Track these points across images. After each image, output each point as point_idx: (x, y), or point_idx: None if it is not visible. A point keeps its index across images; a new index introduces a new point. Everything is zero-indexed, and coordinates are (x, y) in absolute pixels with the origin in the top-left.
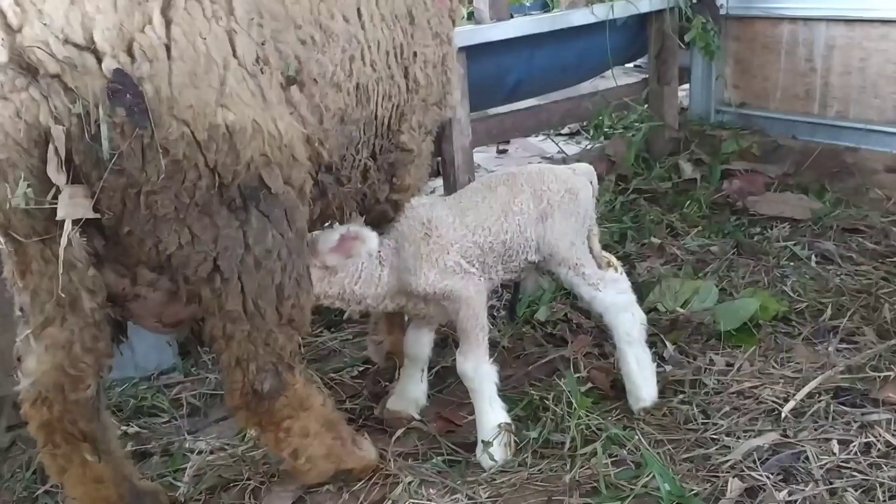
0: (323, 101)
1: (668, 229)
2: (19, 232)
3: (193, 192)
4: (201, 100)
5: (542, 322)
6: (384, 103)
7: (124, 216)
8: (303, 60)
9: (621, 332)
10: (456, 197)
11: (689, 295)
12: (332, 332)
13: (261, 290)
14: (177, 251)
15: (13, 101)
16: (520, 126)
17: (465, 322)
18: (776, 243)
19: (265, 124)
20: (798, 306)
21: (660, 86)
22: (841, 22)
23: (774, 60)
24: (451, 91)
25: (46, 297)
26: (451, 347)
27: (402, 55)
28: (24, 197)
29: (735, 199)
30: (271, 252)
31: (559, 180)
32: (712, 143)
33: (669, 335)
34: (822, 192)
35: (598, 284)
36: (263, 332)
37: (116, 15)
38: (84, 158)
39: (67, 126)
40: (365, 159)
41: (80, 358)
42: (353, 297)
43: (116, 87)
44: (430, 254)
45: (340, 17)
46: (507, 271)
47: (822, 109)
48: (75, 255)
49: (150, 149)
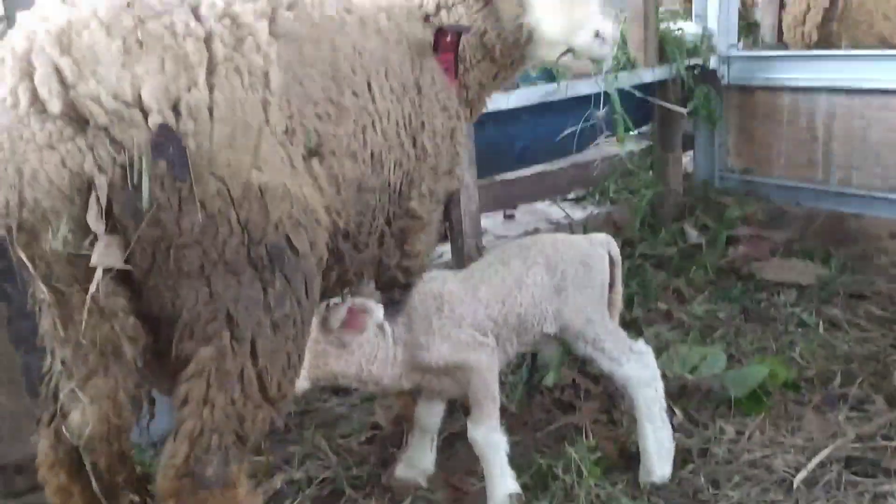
0: (340, 172)
1: (675, 294)
2: (62, 281)
3: (223, 248)
4: (237, 160)
5: (550, 387)
6: (396, 170)
7: (152, 269)
8: (321, 134)
9: (642, 406)
10: (469, 270)
11: (697, 361)
12: (340, 396)
13: (273, 355)
14: (191, 307)
15: (59, 151)
16: (526, 192)
17: (476, 392)
18: (783, 309)
19: (294, 188)
20: (807, 373)
21: (664, 152)
22: (841, 92)
23: (776, 129)
24: (459, 163)
25: (90, 348)
26: (460, 413)
27: (411, 124)
28: (64, 240)
29: (741, 264)
30: (288, 318)
31: (574, 251)
32: (717, 209)
33: (678, 402)
34: (827, 258)
35: (619, 359)
36: (247, 404)
37: (164, 76)
38: (123, 209)
39: (110, 176)
40: (381, 225)
41: (125, 406)
42: (371, 377)
43: (160, 140)
44: (441, 328)
45: (350, 93)
46: (523, 344)
47: (825, 176)
48: (115, 303)
49: (187, 202)
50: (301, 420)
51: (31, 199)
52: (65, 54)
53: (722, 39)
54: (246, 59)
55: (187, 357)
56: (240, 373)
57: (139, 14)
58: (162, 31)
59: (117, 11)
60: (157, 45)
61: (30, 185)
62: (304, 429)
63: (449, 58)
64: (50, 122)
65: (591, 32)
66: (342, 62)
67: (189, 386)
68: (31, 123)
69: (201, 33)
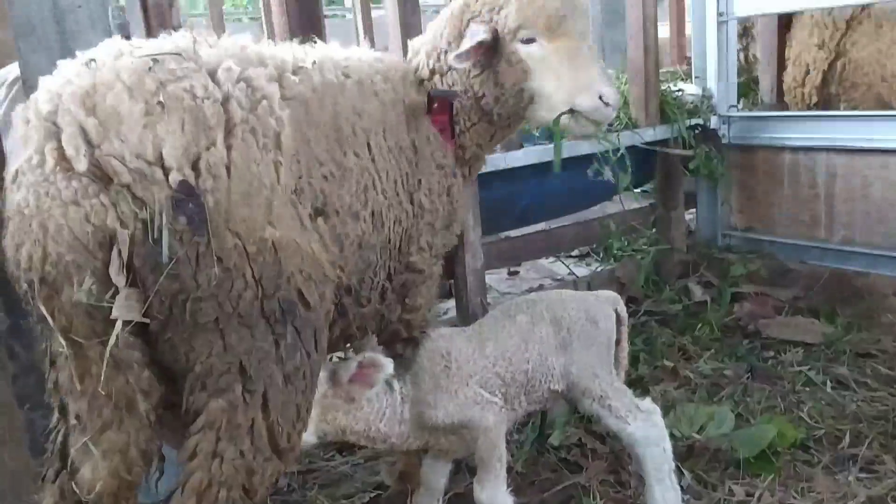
0: (343, 230)
1: (681, 352)
2: (80, 334)
3: (238, 301)
4: (253, 216)
5: (557, 447)
6: (395, 227)
7: (169, 322)
8: (327, 194)
9: (650, 467)
10: (476, 327)
11: (704, 420)
12: (344, 455)
13: (284, 407)
14: (205, 360)
15: (84, 207)
16: (531, 249)
17: (483, 451)
18: (790, 368)
19: (303, 244)
20: (816, 433)
21: (667, 211)
22: (841, 151)
23: (778, 187)
24: (456, 219)
25: (105, 401)
26: (465, 473)
27: (408, 183)
28: (88, 293)
29: (746, 322)
30: (298, 370)
31: (580, 307)
32: (721, 267)
33: (686, 462)
34: (833, 317)
35: (626, 417)
36: (256, 457)
37: (184, 137)
38: (143, 262)
39: (132, 231)
40: (382, 281)
41: (136, 461)
42: (379, 434)
43: (180, 197)
44: (448, 386)
45: (352, 153)
46: (532, 402)
47: (828, 234)
48: (130, 356)
49: (204, 257)
50: (304, 479)
51: (54, 253)
52: (90, 115)
53: (722, 100)
54: (260, 122)
55: (197, 410)
56: (250, 425)
57: (160, 77)
58: (182, 94)
59: (140, 75)
60: (178, 107)
61: (54, 240)
62: (307, 488)
63: (443, 119)
64: (76, 179)
65: (595, 95)
66: (344, 124)
67: (198, 438)
68: (57, 181)
69: (219, 96)
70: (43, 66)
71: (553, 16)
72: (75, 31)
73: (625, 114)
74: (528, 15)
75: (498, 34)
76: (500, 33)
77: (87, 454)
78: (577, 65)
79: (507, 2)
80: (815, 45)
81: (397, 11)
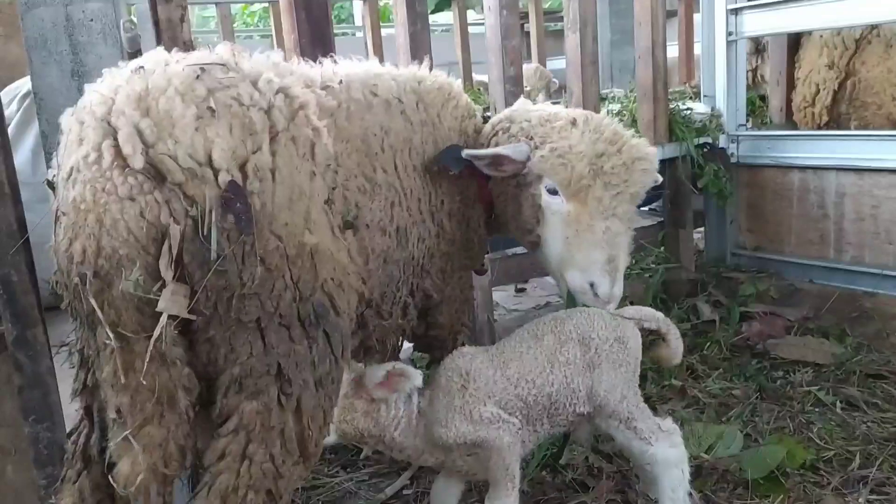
0: (370, 244)
1: (689, 371)
2: (128, 328)
3: (278, 301)
4: (293, 221)
5: (563, 466)
6: (419, 245)
7: (213, 319)
8: (360, 207)
9: (667, 488)
10: (499, 346)
11: (713, 440)
12: (349, 472)
13: (314, 411)
14: (245, 360)
15: (139, 202)
16: (538, 266)
17: (495, 471)
18: (799, 388)
19: (335, 253)
20: (825, 454)
21: (675, 229)
22: (850, 171)
23: (787, 207)
24: (474, 247)
25: (148, 396)
26: (474, 492)
27: (431, 202)
28: (135, 284)
29: (755, 341)
30: (328, 375)
31: (608, 327)
32: (729, 286)
33: (695, 482)
34: (842, 337)
35: (649, 438)
36: (286, 461)
37: (233, 140)
38: (192, 258)
39: (182, 227)
40: (405, 296)
41: (174, 456)
42: (394, 443)
43: (229, 196)
44: (463, 406)
45: (381, 169)
46: (555, 425)
47: (837, 254)
48: (174, 352)
49: (249, 256)
50: (308, 496)
51: (108, 247)
52: (145, 116)
53: (730, 119)
54: (299, 131)
55: (230, 412)
56: (282, 429)
57: (209, 85)
58: (231, 101)
59: (190, 82)
60: (227, 113)
61: (108, 234)
62: None
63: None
64: (132, 176)
65: (585, 280)
66: (372, 140)
67: (228, 440)
68: (113, 177)
69: (264, 104)
70: (54, 79)
71: (574, 178)
72: (87, 45)
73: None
74: (555, 164)
75: (525, 167)
76: (528, 168)
77: (127, 448)
78: (583, 240)
79: (544, 142)
80: (825, 65)
81: (407, 30)
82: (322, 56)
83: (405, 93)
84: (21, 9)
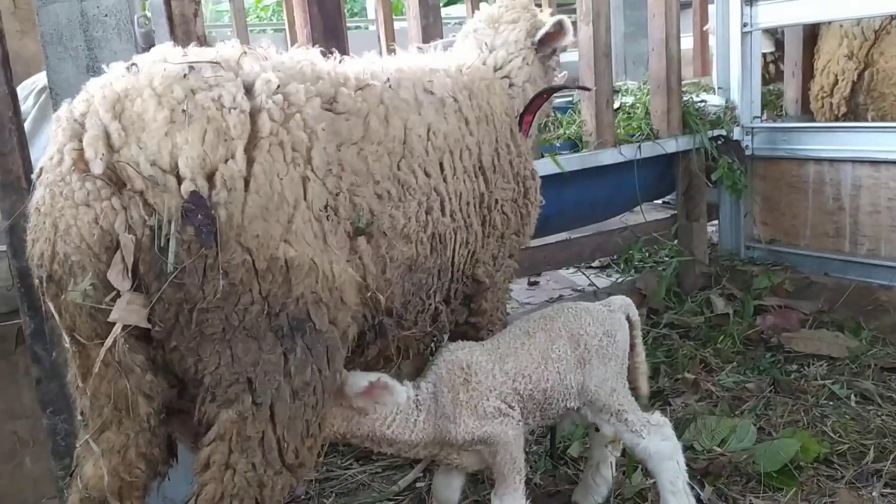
0: (389, 252)
1: (702, 365)
2: (82, 334)
3: (244, 315)
4: (267, 232)
5: (575, 458)
6: (461, 250)
7: (174, 330)
8: (376, 213)
9: (665, 481)
10: (494, 342)
11: (726, 433)
12: (361, 464)
13: (291, 422)
14: (213, 370)
15: (94, 209)
16: (551, 259)
17: (502, 465)
18: (814, 381)
19: (321, 265)
20: (839, 448)
21: (688, 222)
22: (866, 163)
23: (802, 199)
24: (529, 222)
25: (105, 401)
26: (486, 484)
27: (482, 204)
28: (83, 294)
29: (769, 335)
30: (308, 385)
31: (596, 322)
32: (743, 279)
33: (707, 476)
34: (857, 330)
35: (641, 431)
36: (267, 470)
37: (202, 147)
38: (149, 269)
39: (139, 236)
40: (437, 303)
41: (135, 463)
42: (385, 439)
43: (190, 207)
44: (469, 400)
45: (422, 172)
46: (546, 418)
47: (852, 247)
48: (133, 359)
49: (212, 269)
50: (322, 488)
51: (62, 252)
52: (115, 119)
53: (745, 111)
54: (291, 135)
55: (209, 421)
56: (261, 438)
57: (192, 85)
58: (209, 103)
59: (171, 82)
60: (202, 117)
61: (62, 239)
62: (324, 497)
63: (531, 119)
64: (90, 181)
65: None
66: (415, 142)
67: (211, 449)
68: (71, 181)
69: (247, 107)
70: (69, 74)
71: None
72: (101, 40)
73: (647, 124)
74: None
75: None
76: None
77: (90, 451)
78: None
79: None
80: (844, 56)
81: (419, 23)
82: (336, 49)
83: (460, 89)
84: (37, 4)
